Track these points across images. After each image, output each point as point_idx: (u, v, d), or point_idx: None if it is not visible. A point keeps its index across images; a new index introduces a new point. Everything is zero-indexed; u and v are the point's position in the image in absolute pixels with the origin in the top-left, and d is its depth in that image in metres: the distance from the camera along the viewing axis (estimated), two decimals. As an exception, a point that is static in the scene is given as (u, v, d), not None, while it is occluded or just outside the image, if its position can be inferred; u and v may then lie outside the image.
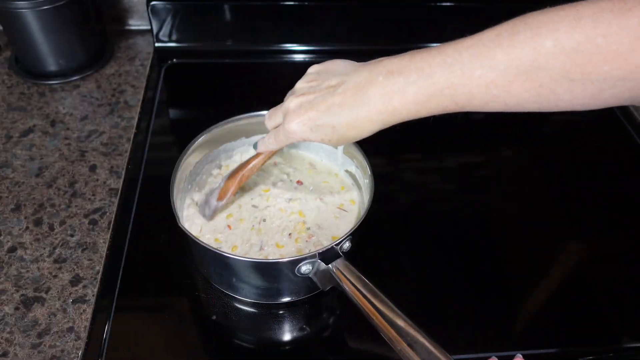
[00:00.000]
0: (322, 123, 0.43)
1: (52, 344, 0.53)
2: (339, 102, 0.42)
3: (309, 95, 0.45)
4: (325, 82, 0.45)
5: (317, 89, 0.45)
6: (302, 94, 0.46)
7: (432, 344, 0.42)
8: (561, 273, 0.63)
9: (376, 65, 0.42)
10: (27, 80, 0.84)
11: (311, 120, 0.44)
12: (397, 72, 0.40)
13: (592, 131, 0.85)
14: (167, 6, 0.86)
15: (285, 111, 0.46)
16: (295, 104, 0.45)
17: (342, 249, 0.51)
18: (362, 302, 0.46)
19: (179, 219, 0.53)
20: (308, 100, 0.44)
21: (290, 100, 0.46)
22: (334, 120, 0.43)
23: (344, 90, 0.42)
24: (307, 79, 0.47)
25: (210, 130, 0.62)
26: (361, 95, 0.41)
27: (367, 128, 0.43)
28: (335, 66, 0.46)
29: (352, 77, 0.43)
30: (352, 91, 0.42)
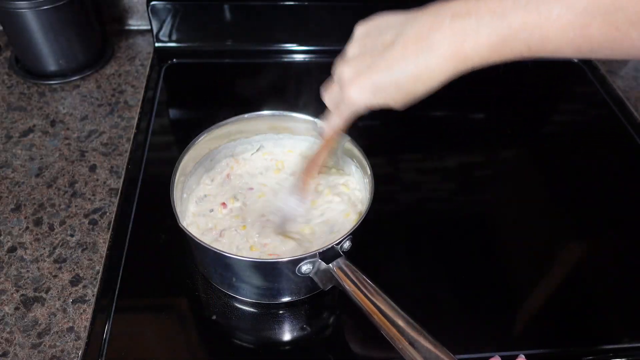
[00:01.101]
0: (385, 83, 0.39)
1: (52, 344, 0.53)
2: (400, 55, 0.38)
3: (365, 59, 0.41)
4: (379, 39, 0.40)
5: (372, 50, 0.41)
6: (355, 59, 0.42)
7: (433, 342, 0.42)
8: (561, 273, 0.63)
9: (438, 10, 0.38)
10: (27, 80, 0.84)
11: (372, 83, 0.40)
12: (465, 13, 0.36)
13: (592, 131, 0.85)
14: (167, 6, 0.86)
15: (340, 81, 0.43)
16: (349, 70, 0.42)
17: (342, 248, 0.51)
18: (363, 301, 0.46)
19: (178, 219, 0.53)
20: (365, 64, 0.40)
21: (343, 69, 0.42)
22: (398, 76, 0.39)
23: (405, 41, 0.38)
24: (357, 42, 0.43)
25: (210, 130, 0.62)
26: (426, 42, 0.37)
27: (436, 79, 0.38)
28: (384, 21, 0.42)
29: (410, 27, 0.38)
30: (414, 40, 0.38)
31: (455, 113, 0.85)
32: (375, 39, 0.41)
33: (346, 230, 0.55)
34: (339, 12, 0.89)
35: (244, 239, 0.58)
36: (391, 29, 0.40)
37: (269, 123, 0.65)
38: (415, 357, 0.41)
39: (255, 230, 0.59)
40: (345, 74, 0.42)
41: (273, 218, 0.59)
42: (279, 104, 0.68)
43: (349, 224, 0.59)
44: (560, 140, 0.83)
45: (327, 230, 0.59)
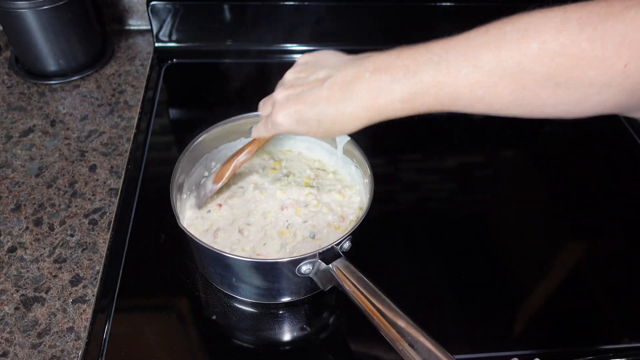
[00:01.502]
0: (308, 116, 0.44)
1: (52, 344, 0.53)
2: (325, 96, 0.42)
3: (297, 88, 0.45)
4: (313, 74, 0.45)
5: (304, 82, 0.45)
6: (290, 85, 0.46)
7: (433, 343, 0.42)
8: (561, 273, 0.63)
9: (364, 61, 0.42)
10: (27, 80, 0.84)
11: (297, 113, 0.44)
12: (383, 69, 0.40)
13: (592, 131, 0.85)
14: (167, 6, 0.86)
15: (273, 102, 0.47)
16: (282, 96, 0.46)
17: (342, 248, 0.51)
18: (363, 302, 0.46)
19: (178, 219, 0.53)
20: (295, 93, 0.45)
21: (278, 91, 0.46)
22: (319, 114, 0.43)
23: (331, 85, 0.42)
24: (295, 69, 0.47)
25: (210, 130, 0.62)
26: (348, 90, 0.41)
27: (352, 124, 0.43)
28: (324, 58, 0.46)
29: (339, 72, 0.43)
30: (339, 86, 0.42)
31: (455, 113, 0.85)
32: (311, 72, 0.45)
33: (329, 239, 0.55)
34: (338, 12, 0.89)
35: (236, 239, 0.58)
36: (326, 68, 0.44)
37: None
38: (415, 358, 0.41)
39: (246, 231, 0.59)
40: (278, 97, 0.46)
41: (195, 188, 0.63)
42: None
43: (334, 233, 0.59)
44: (560, 140, 0.83)
45: (308, 235, 0.59)
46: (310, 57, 0.48)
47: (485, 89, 0.36)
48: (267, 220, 0.60)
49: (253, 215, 0.60)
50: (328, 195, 0.63)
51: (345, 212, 0.61)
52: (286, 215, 0.60)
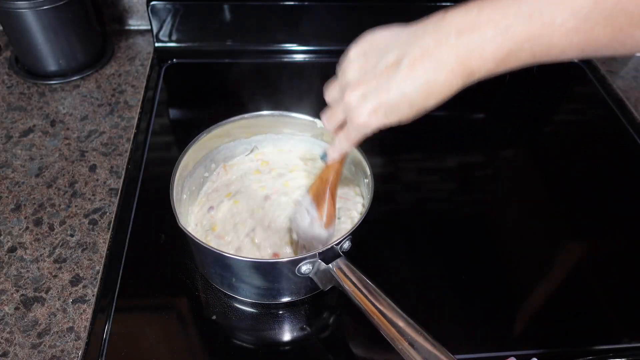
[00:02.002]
0: (398, 103, 0.39)
1: (52, 344, 0.53)
2: (409, 77, 0.38)
3: (370, 82, 0.40)
4: (381, 61, 0.40)
5: (375, 73, 0.40)
6: (359, 82, 0.41)
7: (432, 343, 0.42)
8: (561, 273, 0.63)
9: (440, 25, 0.37)
10: (27, 80, 0.84)
11: (384, 106, 0.40)
12: (469, 29, 0.36)
13: (592, 131, 0.85)
14: (167, 6, 0.86)
15: (346, 108, 0.42)
16: (356, 96, 0.41)
17: (342, 248, 0.51)
18: (363, 302, 0.46)
19: (179, 220, 0.53)
20: (371, 87, 0.40)
21: (348, 94, 0.42)
22: (409, 97, 0.39)
23: (411, 62, 0.38)
24: (355, 64, 0.42)
25: (210, 130, 0.62)
26: (434, 60, 0.37)
27: (446, 92, 0.39)
28: (380, 39, 0.42)
29: (414, 46, 0.38)
30: (422, 59, 0.38)
31: (455, 113, 0.85)
32: (376, 59, 0.41)
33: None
34: (339, 12, 0.89)
35: (239, 239, 0.58)
36: (392, 49, 0.40)
37: (268, 123, 0.65)
38: (415, 358, 0.41)
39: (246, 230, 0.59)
40: (352, 99, 0.41)
41: (301, 242, 0.58)
42: (278, 104, 0.68)
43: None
44: (560, 140, 0.83)
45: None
46: (363, 45, 0.43)
47: (582, 34, 0.34)
48: (268, 219, 0.60)
49: (255, 215, 0.60)
50: None
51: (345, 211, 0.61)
52: (285, 215, 0.60)
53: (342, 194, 0.62)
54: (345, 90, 0.42)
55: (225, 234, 0.59)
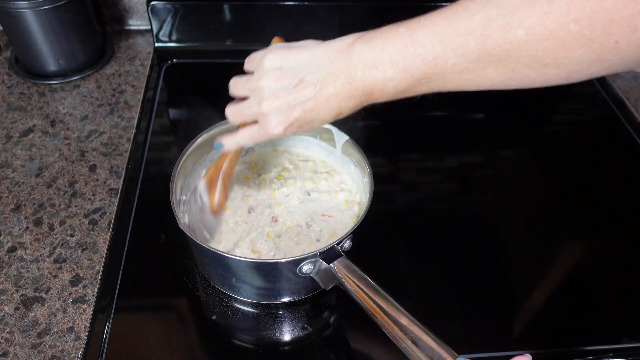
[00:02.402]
0: (312, 119, 0.44)
1: (52, 344, 0.53)
2: (323, 99, 0.43)
3: (287, 97, 0.43)
4: (297, 77, 0.43)
5: (291, 89, 0.43)
6: (275, 95, 0.44)
7: (436, 341, 0.42)
8: (561, 273, 0.63)
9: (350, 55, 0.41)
10: (27, 80, 0.84)
11: (299, 121, 0.44)
12: (372, 66, 0.40)
13: (592, 131, 0.85)
14: (167, 6, 0.86)
15: (261, 116, 0.45)
16: (273, 106, 0.44)
17: (342, 247, 0.51)
18: (365, 301, 0.46)
19: (179, 220, 0.53)
20: (287, 102, 0.44)
21: (265, 104, 0.44)
22: (322, 115, 0.44)
23: (326, 85, 0.42)
24: (272, 76, 0.45)
25: (210, 130, 0.62)
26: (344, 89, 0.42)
27: (351, 111, 0.44)
28: (296, 56, 0.44)
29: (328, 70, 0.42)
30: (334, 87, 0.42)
31: (455, 113, 0.85)
32: (293, 76, 0.44)
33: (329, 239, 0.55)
34: (339, 12, 0.89)
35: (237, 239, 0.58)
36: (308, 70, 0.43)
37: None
38: (419, 356, 0.41)
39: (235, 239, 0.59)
40: (268, 110, 0.44)
41: (200, 232, 0.58)
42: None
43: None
44: (560, 140, 0.83)
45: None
46: (278, 58, 0.45)
47: (474, 73, 0.37)
48: (268, 219, 0.60)
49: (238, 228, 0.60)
50: (327, 195, 0.63)
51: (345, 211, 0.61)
52: (285, 214, 0.60)
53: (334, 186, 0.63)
54: (262, 100, 0.45)
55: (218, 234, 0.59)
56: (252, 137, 0.49)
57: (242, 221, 0.60)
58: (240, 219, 0.60)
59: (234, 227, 0.59)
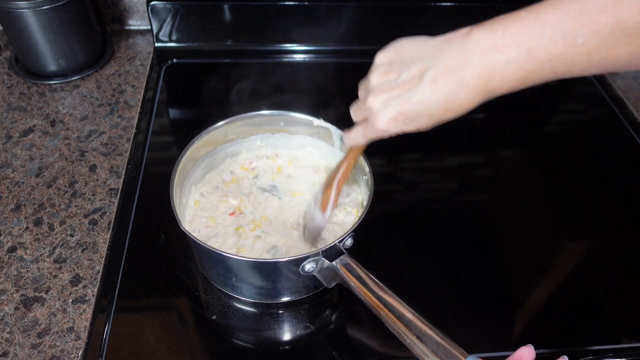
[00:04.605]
0: (418, 114, 0.42)
1: (52, 344, 0.53)
2: (431, 90, 0.40)
3: (392, 91, 0.42)
4: (405, 72, 0.42)
5: (398, 82, 0.42)
6: (382, 90, 0.43)
7: (440, 336, 0.42)
8: (561, 273, 0.63)
9: (466, 42, 0.38)
10: (27, 80, 0.84)
11: (403, 115, 0.42)
12: (493, 48, 0.37)
13: (592, 131, 0.85)
14: (167, 6, 0.86)
15: (368, 111, 0.45)
16: (379, 103, 0.43)
17: (344, 245, 0.51)
18: (368, 297, 0.46)
19: (179, 221, 0.52)
20: (393, 96, 0.42)
21: (371, 99, 0.44)
22: (429, 109, 0.41)
23: (435, 77, 0.39)
24: (380, 71, 0.44)
25: (210, 131, 0.62)
26: (457, 77, 0.39)
27: (465, 108, 0.40)
28: (407, 50, 0.43)
29: (438, 61, 0.40)
30: (444, 76, 0.39)
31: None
32: (400, 70, 0.42)
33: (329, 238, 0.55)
34: (339, 12, 0.89)
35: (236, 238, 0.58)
36: (417, 61, 0.41)
37: (268, 123, 0.65)
38: (424, 351, 0.41)
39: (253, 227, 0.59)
40: (374, 105, 0.43)
41: (301, 230, 0.59)
42: (278, 104, 0.67)
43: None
44: (560, 140, 0.83)
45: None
46: (390, 54, 0.44)
47: (603, 52, 0.34)
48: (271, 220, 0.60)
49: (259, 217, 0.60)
50: None
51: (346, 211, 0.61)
52: (286, 215, 0.61)
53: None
54: (369, 95, 0.44)
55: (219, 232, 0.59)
56: (364, 134, 0.49)
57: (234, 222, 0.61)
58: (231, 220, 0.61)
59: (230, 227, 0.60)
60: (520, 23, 0.36)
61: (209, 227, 0.60)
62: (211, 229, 0.59)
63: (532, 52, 0.36)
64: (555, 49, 0.35)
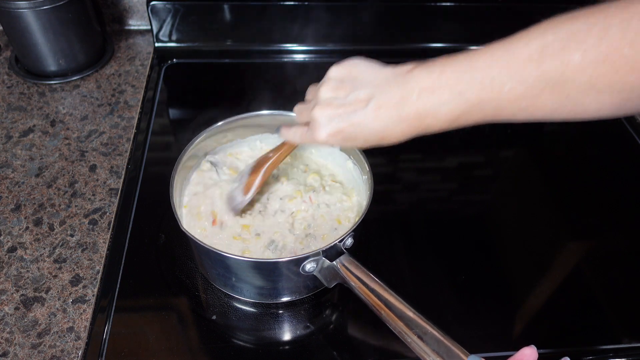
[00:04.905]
0: (356, 135, 0.44)
1: (52, 344, 0.53)
2: (371, 118, 0.43)
3: (338, 108, 0.45)
4: (353, 93, 0.44)
5: (345, 102, 0.44)
6: (328, 104, 0.45)
7: (442, 334, 0.42)
8: (561, 273, 0.63)
9: (407, 79, 0.41)
10: (27, 80, 0.84)
11: (342, 133, 0.45)
12: (429, 90, 0.40)
13: (592, 131, 0.85)
14: (167, 6, 0.86)
15: (312, 119, 0.47)
16: (323, 115, 0.45)
17: (344, 245, 0.51)
18: (369, 296, 0.46)
19: (179, 221, 0.53)
20: (337, 113, 0.44)
21: (317, 111, 0.46)
22: (367, 133, 0.44)
23: (377, 106, 0.42)
24: (330, 85, 0.46)
25: (210, 130, 0.62)
26: (396, 112, 0.42)
27: (399, 139, 0.44)
28: (360, 72, 0.46)
29: (383, 92, 0.42)
30: (386, 107, 0.42)
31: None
32: (350, 90, 0.45)
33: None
34: (339, 12, 0.89)
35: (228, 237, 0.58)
36: (366, 86, 0.44)
37: (268, 123, 0.65)
38: (425, 350, 0.42)
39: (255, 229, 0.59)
40: (319, 116, 0.46)
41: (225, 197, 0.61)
42: (278, 104, 0.67)
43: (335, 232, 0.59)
44: (560, 140, 0.83)
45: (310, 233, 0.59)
46: (343, 71, 0.46)
47: (529, 99, 0.37)
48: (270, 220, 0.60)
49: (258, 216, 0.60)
50: (327, 194, 0.63)
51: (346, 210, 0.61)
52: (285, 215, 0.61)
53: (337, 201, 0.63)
54: (316, 105, 0.46)
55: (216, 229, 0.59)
56: (301, 136, 0.51)
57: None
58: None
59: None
60: (456, 67, 0.39)
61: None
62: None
63: (462, 95, 0.39)
64: (483, 94, 0.38)
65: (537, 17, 0.38)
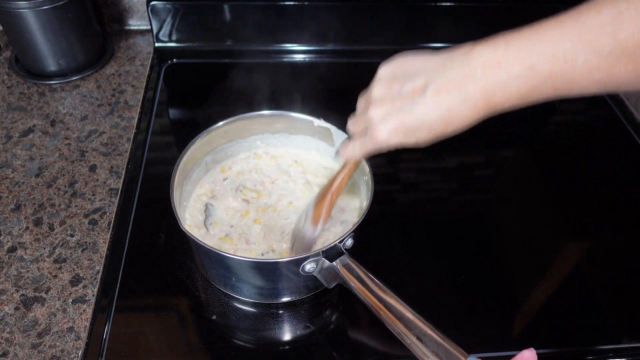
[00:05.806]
0: (418, 127, 0.41)
1: (52, 344, 0.53)
2: (433, 102, 0.40)
3: (395, 102, 0.42)
4: (407, 84, 0.42)
5: (400, 95, 0.42)
6: (383, 101, 0.43)
7: (441, 336, 0.42)
8: (561, 273, 0.63)
9: (469, 57, 0.39)
10: (27, 80, 0.84)
11: (404, 127, 0.42)
12: (496, 65, 0.37)
13: (592, 131, 0.85)
14: (167, 6, 0.86)
15: (368, 122, 0.44)
16: (380, 114, 0.43)
17: (345, 246, 0.51)
18: (369, 297, 0.46)
19: (179, 221, 0.52)
20: (395, 108, 0.42)
21: (372, 110, 0.44)
22: (430, 123, 0.41)
23: (436, 91, 0.40)
24: (382, 83, 0.44)
25: (210, 130, 0.62)
26: (459, 92, 0.39)
27: (466, 122, 0.41)
28: (410, 64, 0.43)
29: (441, 75, 0.40)
30: (447, 90, 0.39)
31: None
32: (403, 82, 0.42)
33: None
34: (339, 12, 0.89)
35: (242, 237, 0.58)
36: (420, 75, 0.41)
37: (268, 123, 0.65)
38: (424, 351, 0.42)
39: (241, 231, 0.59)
40: (375, 116, 0.43)
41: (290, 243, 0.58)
42: (278, 104, 0.67)
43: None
44: (560, 140, 0.83)
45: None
46: (393, 67, 0.44)
47: (604, 71, 0.35)
48: (271, 220, 0.60)
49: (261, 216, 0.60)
50: None
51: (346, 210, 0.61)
52: (286, 214, 0.61)
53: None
54: (370, 106, 0.44)
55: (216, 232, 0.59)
56: (361, 147, 0.48)
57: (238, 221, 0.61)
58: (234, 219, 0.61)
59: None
60: (521, 40, 0.37)
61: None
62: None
63: (533, 68, 0.36)
64: (556, 66, 0.36)
65: (537, 17, 0.37)
